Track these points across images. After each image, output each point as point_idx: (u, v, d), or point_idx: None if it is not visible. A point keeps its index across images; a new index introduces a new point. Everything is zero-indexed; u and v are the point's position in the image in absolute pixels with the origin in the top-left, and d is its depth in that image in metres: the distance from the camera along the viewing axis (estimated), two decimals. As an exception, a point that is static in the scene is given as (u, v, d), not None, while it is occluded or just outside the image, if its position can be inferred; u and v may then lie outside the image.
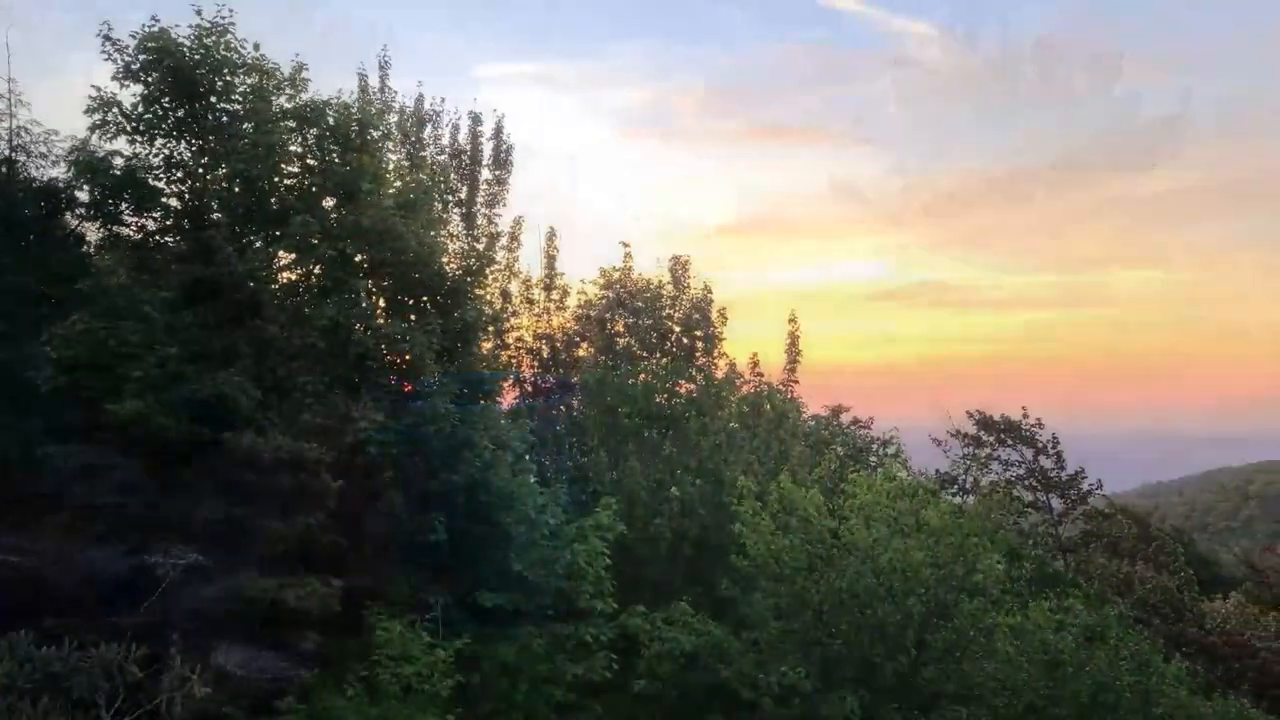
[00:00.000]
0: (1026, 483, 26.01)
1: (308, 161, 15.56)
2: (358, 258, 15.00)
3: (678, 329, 23.49)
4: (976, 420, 26.78)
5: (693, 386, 23.54)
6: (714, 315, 24.05)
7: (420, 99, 24.38)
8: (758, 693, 15.26)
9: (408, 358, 14.50)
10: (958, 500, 22.32)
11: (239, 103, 14.91)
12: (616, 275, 24.38)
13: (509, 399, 23.88)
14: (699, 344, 23.60)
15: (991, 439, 26.77)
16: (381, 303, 15.55)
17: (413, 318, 14.98)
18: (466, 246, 23.67)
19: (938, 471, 26.40)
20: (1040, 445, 25.94)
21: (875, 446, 27.88)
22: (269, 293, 14.31)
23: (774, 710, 15.17)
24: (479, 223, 24.51)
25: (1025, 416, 26.29)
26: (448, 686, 12.47)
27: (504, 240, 24.77)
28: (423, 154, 24.09)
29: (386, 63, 23.78)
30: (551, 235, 25.05)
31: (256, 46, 15.03)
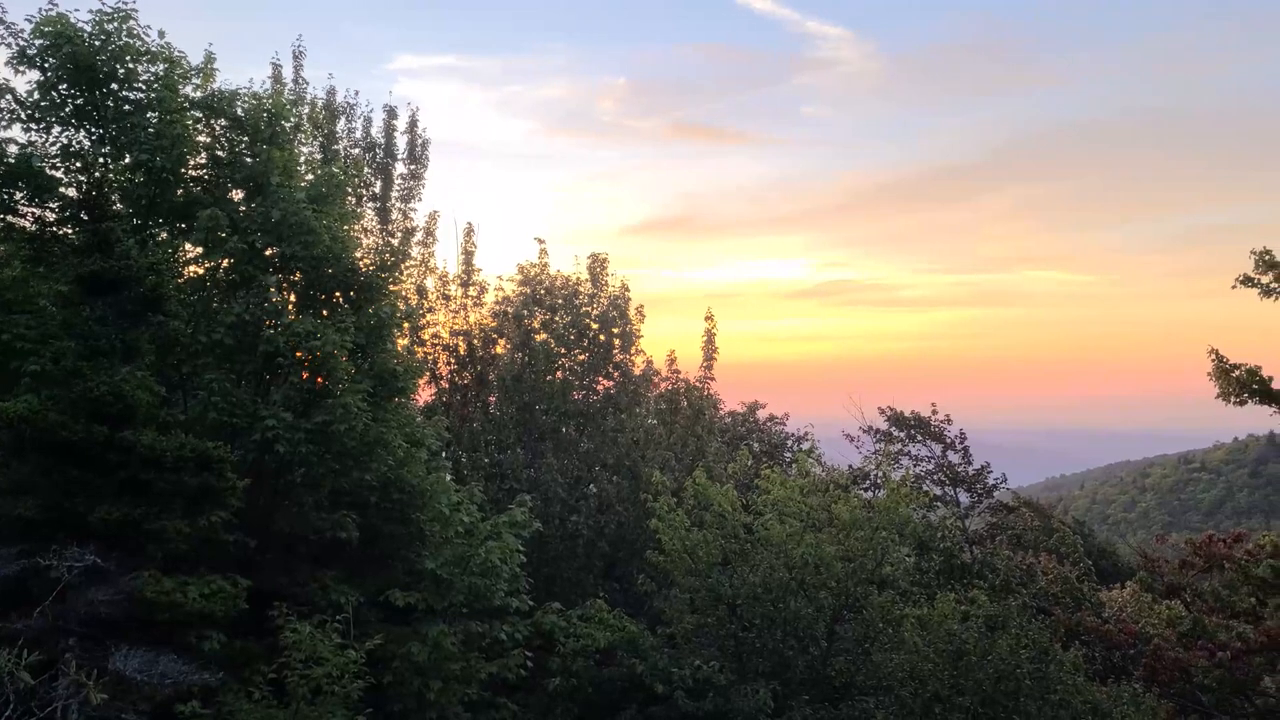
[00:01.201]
0: (935, 477, 26.61)
1: (216, 153, 15.21)
2: (267, 252, 14.69)
3: (595, 326, 23.54)
4: (888, 417, 27.29)
5: (610, 383, 23.64)
6: (631, 313, 24.17)
7: (333, 90, 24.04)
8: (671, 686, 15.42)
9: (319, 354, 14.25)
10: (869, 495, 22.77)
11: (142, 91, 14.49)
12: (534, 272, 24.34)
13: (425, 396, 23.70)
14: (616, 341, 23.69)
15: (903, 435, 27.31)
16: (292, 298, 15.28)
17: (324, 314, 14.72)
18: (381, 242, 23.41)
19: (850, 467, 26.87)
20: (948, 441, 26.56)
21: (790, 442, 28.33)
22: (173, 287, 13.93)
23: (687, 703, 15.34)
24: (394, 217, 24.26)
25: (934, 413, 26.89)
26: (359, 687, 12.29)
27: (420, 235, 24.59)
28: (336, 147, 23.73)
29: (301, 52, 23.39)
30: (469, 231, 24.94)
31: (161, 34, 14.65)
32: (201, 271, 15.19)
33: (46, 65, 13.78)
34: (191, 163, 14.94)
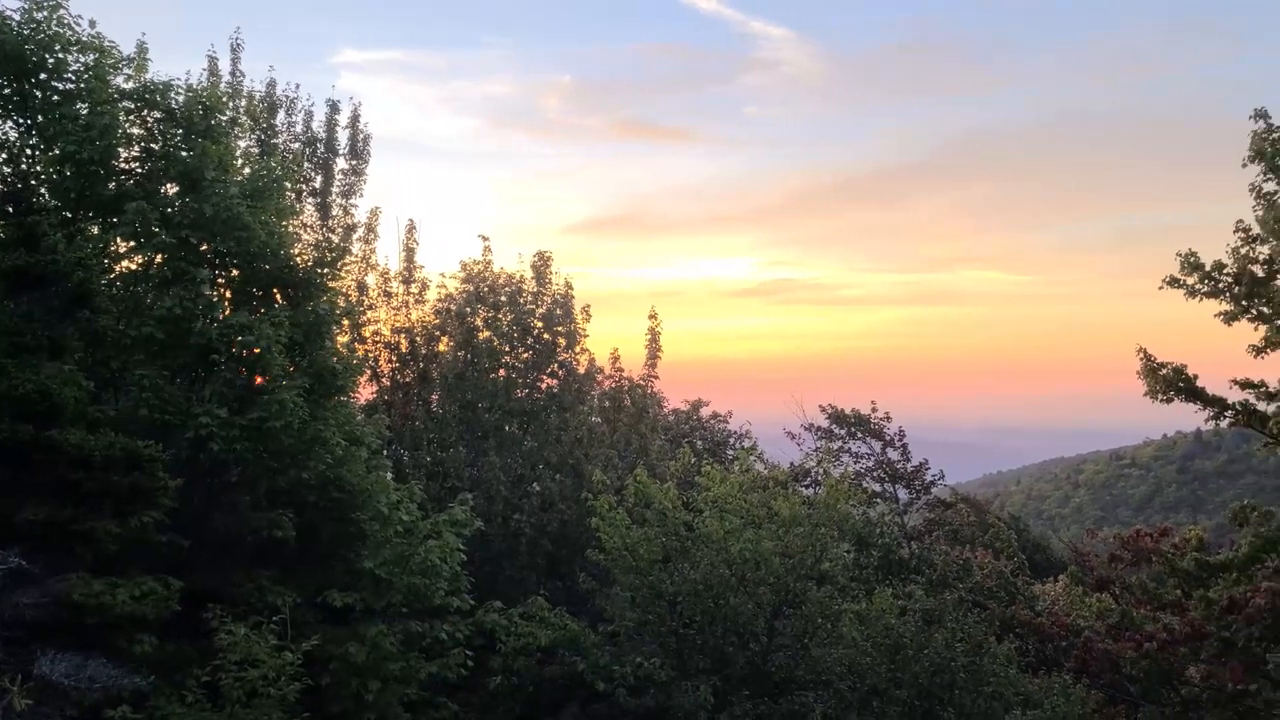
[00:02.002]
0: (875, 474, 27.04)
1: (148, 146, 14.90)
2: (202, 247, 14.43)
3: (539, 324, 23.47)
4: (829, 414, 27.66)
5: (554, 382, 23.59)
6: (576, 311, 24.13)
7: (273, 84, 23.65)
8: (613, 684, 15.47)
9: (255, 350, 14.03)
10: (810, 492, 23.02)
11: (72, 81, 14.15)
12: (478, 269, 24.19)
13: (366, 394, 23.42)
14: (561, 340, 23.63)
15: (843, 433, 27.70)
16: (228, 294, 15.03)
17: (260, 310, 14.50)
18: (321, 238, 23.10)
19: (792, 464, 27.18)
20: (888, 439, 27.00)
21: (733, 440, 28.54)
22: (103, 282, 13.63)
23: (628, 701, 15.41)
24: (335, 213, 23.95)
25: (874, 411, 27.31)
26: (295, 689, 12.12)
27: (361, 232, 24.29)
28: (275, 141, 23.36)
29: (239, 45, 22.97)
30: (411, 227, 24.71)
31: (93, 23, 14.32)
32: (133, 266, 14.87)
33: (-30, 54, 13.37)
34: (123, 155, 14.62)
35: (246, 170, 15.84)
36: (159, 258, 14.29)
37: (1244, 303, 18.13)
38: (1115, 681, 19.39)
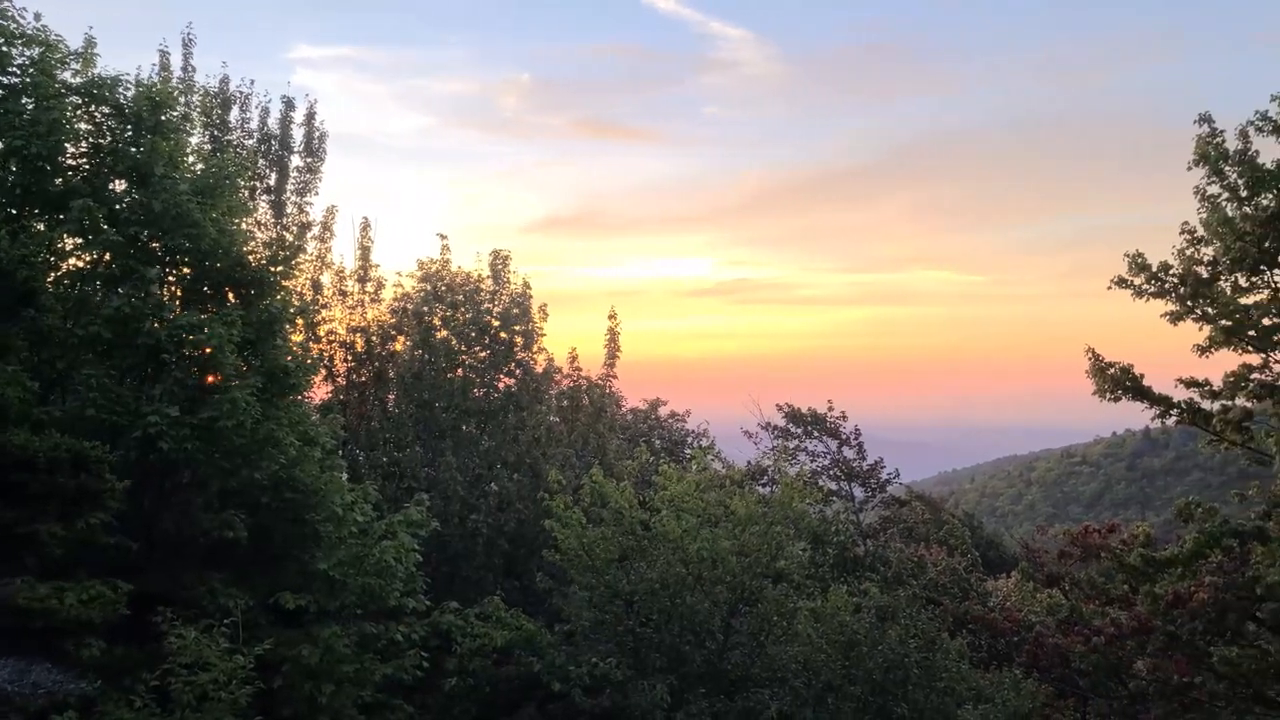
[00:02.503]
0: (831, 473, 27.29)
1: (97, 141, 14.63)
2: (152, 245, 14.21)
3: (497, 324, 23.38)
4: (785, 414, 27.87)
5: (512, 381, 23.51)
6: (534, 310, 24.07)
7: (226, 80, 23.30)
8: (569, 684, 15.46)
9: (206, 349, 13.85)
10: (767, 491, 23.17)
11: (16, 76, 13.85)
12: (435, 268, 24.05)
13: (321, 393, 23.19)
14: (518, 339, 23.56)
15: (799, 431, 27.92)
16: (178, 293, 14.81)
17: (212, 308, 14.30)
18: (275, 236, 22.81)
19: (749, 463, 27.34)
20: (843, 437, 27.26)
21: (690, 440, 28.63)
22: (49, 280, 13.36)
23: (585, 700, 15.41)
24: (289, 211, 23.65)
25: (830, 410, 27.57)
26: (247, 693, 11.97)
27: (316, 230, 24.01)
28: (229, 138, 23.03)
29: (191, 40, 22.58)
30: (366, 225, 24.46)
31: (38, 16, 14.02)
32: (81, 264, 14.60)
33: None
34: (70, 151, 14.31)
35: (199, 167, 15.61)
36: (107, 255, 14.05)
37: (1189, 303, 18.54)
38: (1065, 675, 19.76)
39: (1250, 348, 18.25)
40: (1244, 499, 20.21)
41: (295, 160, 23.75)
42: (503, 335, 23.39)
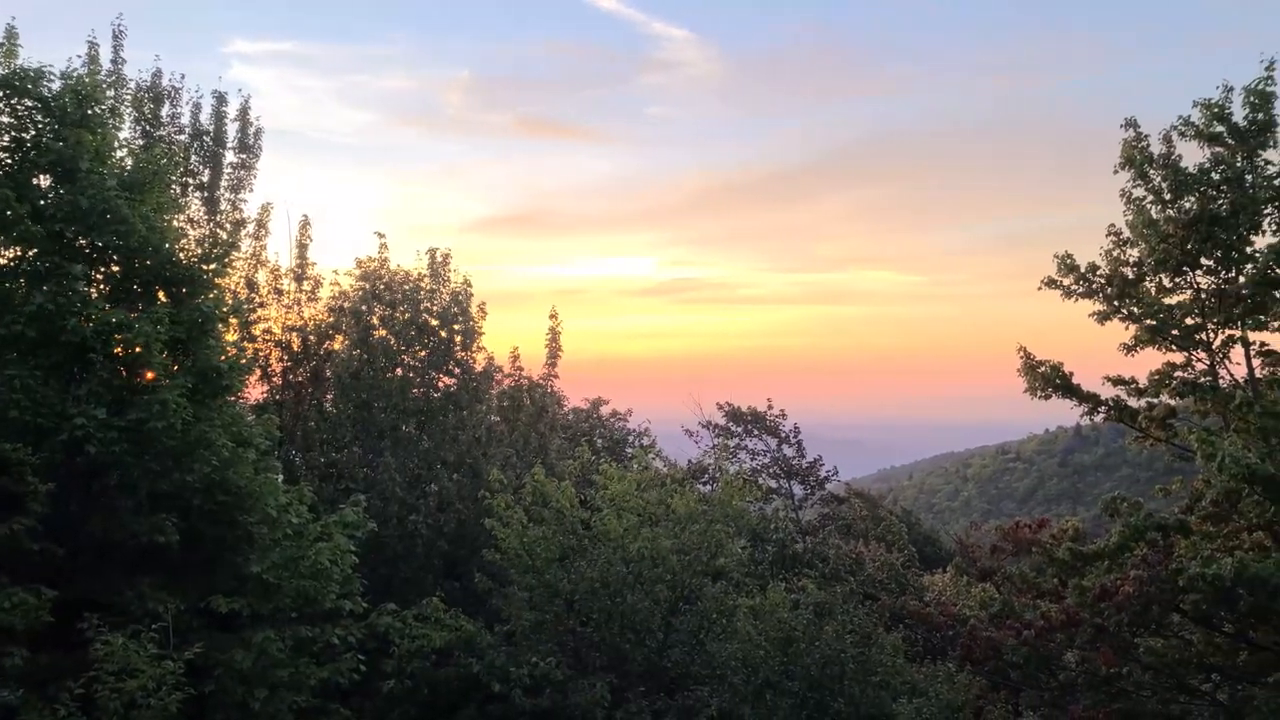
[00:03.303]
0: (771, 470, 27.57)
1: (19, 135, 14.20)
2: (78, 241, 13.84)
3: (436, 323, 23.19)
4: (726, 412, 28.09)
5: (452, 381, 23.35)
6: (473, 309, 23.92)
7: (159, 73, 22.76)
8: (509, 684, 15.41)
9: (136, 348, 13.54)
10: (708, 489, 23.31)
11: (-66, 68, 13.42)
12: (373, 267, 23.77)
13: (256, 393, 22.81)
14: (458, 338, 23.40)
15: (740, 430, 28.17)
16: (106, 290, 14.45)
17: (140, 307, 13.98)
18: (208, 233, 22.37)
19: (690, 461, 27.49)
20: (783, 435, 27.56)
21: (632, 439, 28.70)
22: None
23: (525, 701, 15.36)
24: (223, 208, 23.18)
25: (770, 408, 27.85)
26: (177, 699, 11.75)
27: (251, 228, 23.57)
28: (160, 133, 22.51)
29: (122, 31, 21.98)
30: (304, 223, 24.11)
31: (-46, 6, 13.60)
32: (3, 261, 14.17)
33: None
34: (-9, 145, 13.90)
35: (128, 162, 15.24)
36: (31, 252, 13.66)
37: (1115, 303, 19.03)
38: (998, 668, 20.14)
39: (1174, 346, 18.80)
40: (1168, 494, 20.82)
41: (229, 156, 23.28)
42: (442, 334, 23.21)
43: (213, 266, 15.19)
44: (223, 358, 14.70)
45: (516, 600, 17.14)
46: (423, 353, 23.12)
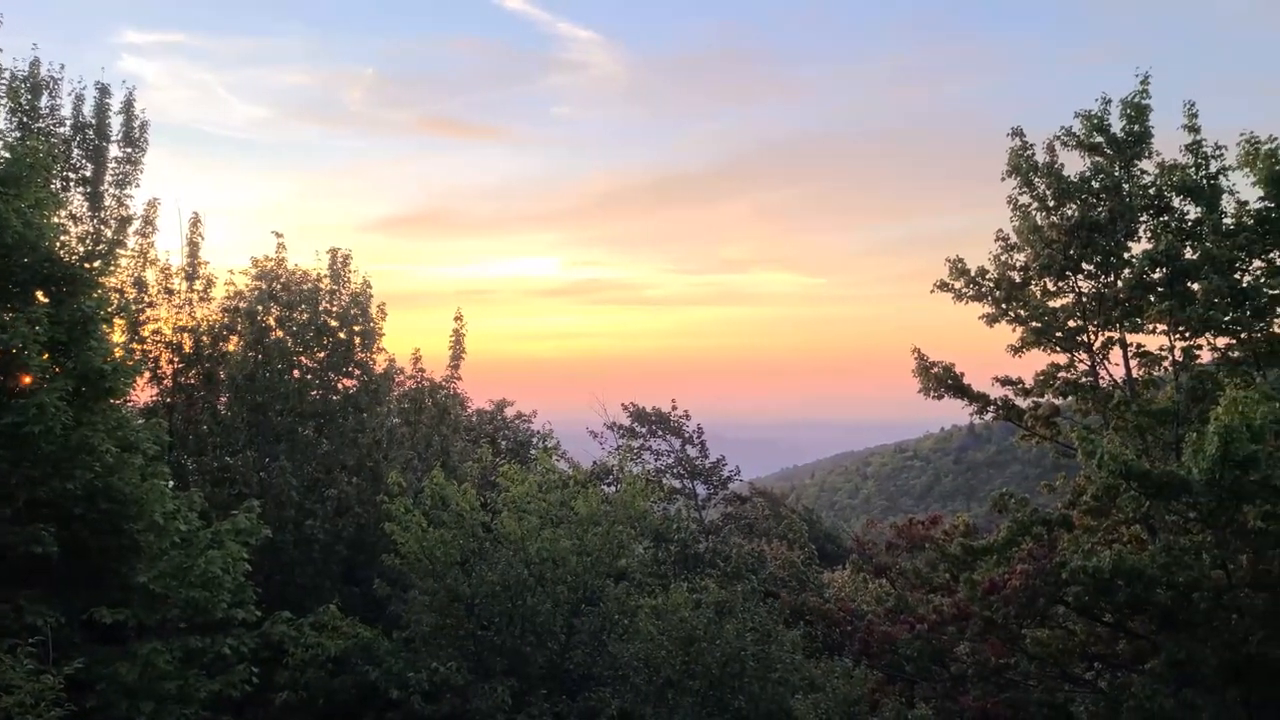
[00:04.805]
0: (675, 471, 27.77)
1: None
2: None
3: (335, 323, 22.73)
4: (631, 413, 28.20)
5: (351, 383, 22.92)
6: (373, 310, 23.53)
7: (38, 63, 21.77)
8: (407, 691, 15.19)
9: (14, 351, 12.95)
10: (611, 490, 23.36)
11: None
12: (270, 266, 23.17)
13: (146, 396, 22.05)
14: (358, 339, 22.97)
15: (644, 431, 28.30)
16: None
17: (16, 307, 13.37)
18: (91, 230, 21.53)
19: (595, 462, 27.50)
20: (687, 436, 27.79)
21: (536, 440, 28.57)
22: None
23: (424, 707, 15.17)
24: (107, 204, 22.31)
25: (674, 408, 28.05)
26: (57, 715, 11.27)
27: (138, 224, 22.73)
28: (39, 125, 21.54)
29: (-5, 18, 20.96)
30: (195, 220, 23.35)
31: None
32: None
33: None
34: None
35: (3, 155, 14.55)
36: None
37: (1003, 305, 19.75)
38: (894, 661, 20.65)
39: (1058, 348, 19.61)
40: (1053, 490, 21.67)
41: (114, 150, 22.40)
42: (341, 335, 22.77)
43: (96, 265, 14.64)
44: (107, 359, 14.17)
45: (416, 605, 16.91)
46: (321, 354, 22.63)
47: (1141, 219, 18.22)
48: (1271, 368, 17.64)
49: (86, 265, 14.39)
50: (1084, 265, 18.72)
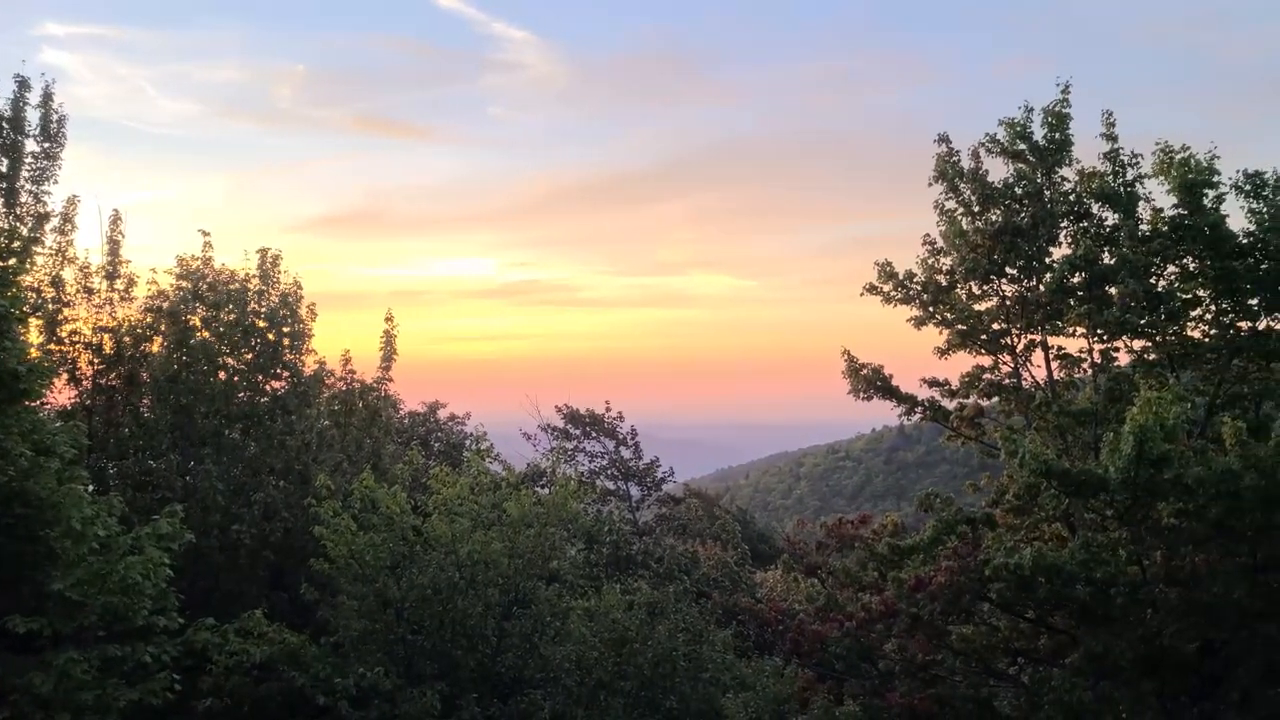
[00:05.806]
0: (609, 472, 27.81)
1: None
2: None
3: (264, 324, 22.31)
4: (565, 414, 28.16)
5: (280, 384, 22.53)
6: (303, 310, 23.15)
7: (-53, 53, 21.10)
8: (335, 697, 14.97)
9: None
10: (545, 492, 23.30)
11: None
12: (196, 265, 22.67)
13: (64, 398, 21.42)
14: (286, 340, 22.58)
15: (578, 432, 28.29)
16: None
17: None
18: (7, 226, 20.87)
19: (528, 464, 27.42)
20: (621, 437, 27.85)
21: (469, 442, 28.38)
22: None
23: (352, 713, 14.96)
24: (24, 200, 21.64)
25: (608, 410, 28.09)
26: (-35, 729, 10.95)
27: (55, 221, 22.07)
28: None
29: (-99, 6, 20.27)
30: (116, 218, 22.72)
31: None
32: None
33: None
34: None
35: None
36: None
37: (930, 308, 20.16)
38: (824, 660, 20.91)
39: (982, 350, 20.08)
40: (978, 489, 22.14)
41: (31, 145, 21.74)
42: (270, 336, 22.36)
43: (11, 263, 14.22)
44: (22, 360, 13.76)
45: (345, 610, 16.68)
46: (249, 355, 22.20)
47: (1062, 225, 18.72)
48: (1184, 369, 18.26)
49: (0, 263, 13.96)
50: (1007, 269, 19.19)
